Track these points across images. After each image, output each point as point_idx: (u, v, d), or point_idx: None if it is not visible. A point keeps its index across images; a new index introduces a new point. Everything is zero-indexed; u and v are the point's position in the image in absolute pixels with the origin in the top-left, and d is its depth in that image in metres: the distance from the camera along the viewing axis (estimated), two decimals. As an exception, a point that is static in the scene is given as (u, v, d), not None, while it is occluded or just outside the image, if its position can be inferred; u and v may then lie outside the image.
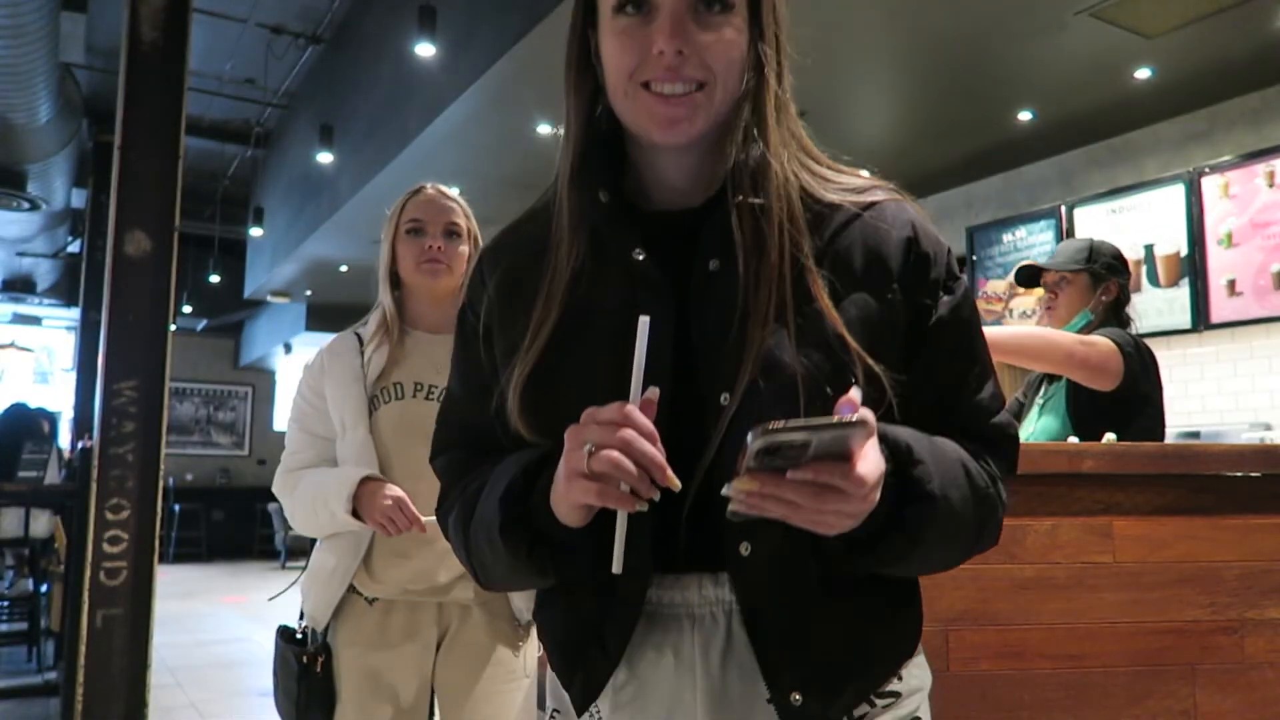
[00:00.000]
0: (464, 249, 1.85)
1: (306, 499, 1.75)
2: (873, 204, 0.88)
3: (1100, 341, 2.18)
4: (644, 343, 0.71)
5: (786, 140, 0.87)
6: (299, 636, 1.80)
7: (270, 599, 2.33)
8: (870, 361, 0.80)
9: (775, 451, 0.64)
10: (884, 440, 0.76)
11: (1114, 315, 2.37)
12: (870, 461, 0.69)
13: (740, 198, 0.83)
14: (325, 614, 1.75)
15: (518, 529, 0.82)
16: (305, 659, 1.74)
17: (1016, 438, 0.92)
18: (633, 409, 0.71)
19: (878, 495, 0.71)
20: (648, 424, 0.71)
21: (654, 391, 0.72)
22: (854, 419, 0.64)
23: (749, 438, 0.63)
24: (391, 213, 1.87)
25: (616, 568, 0.73)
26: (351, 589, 1.75)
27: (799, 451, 0.65)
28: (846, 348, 0.80)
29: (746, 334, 0.80)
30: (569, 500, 0.75)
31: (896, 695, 0.87)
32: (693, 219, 0.87)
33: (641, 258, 0.85)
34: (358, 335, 1.86)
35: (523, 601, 1.77)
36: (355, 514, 1.67)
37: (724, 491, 0.68)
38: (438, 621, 1.76)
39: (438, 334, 1.84)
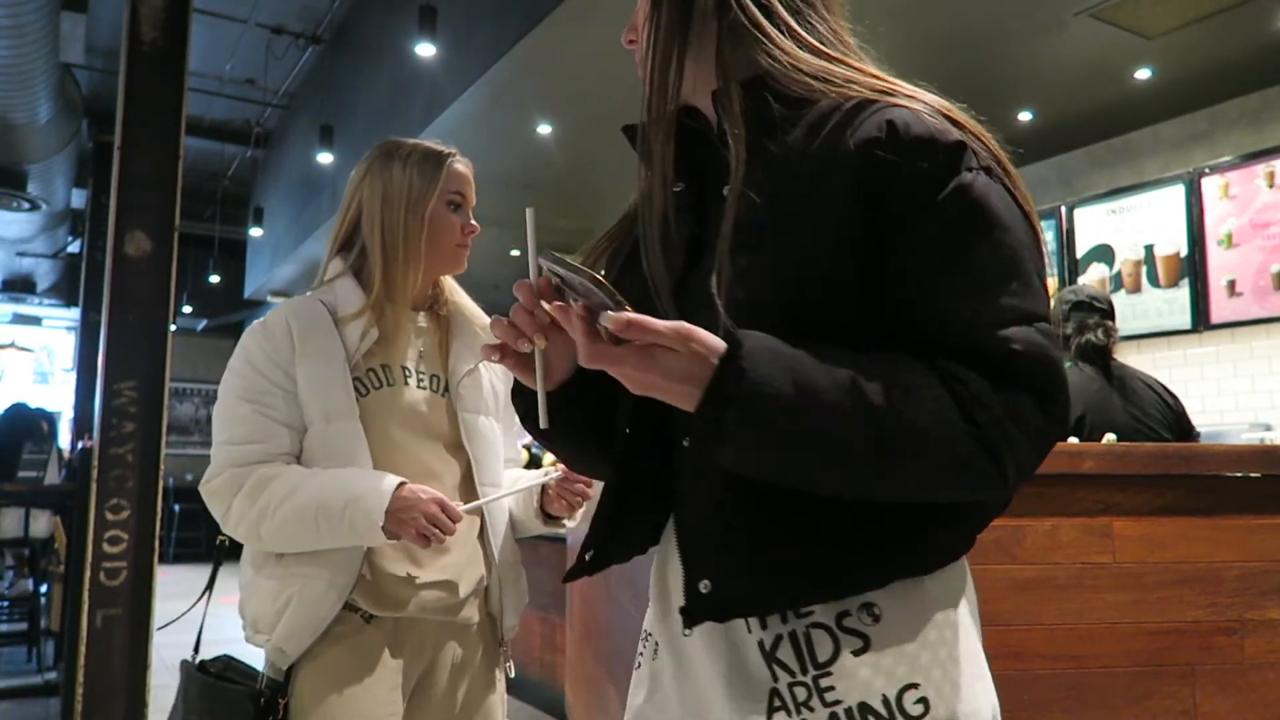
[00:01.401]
0: None
1: (303, 506, 1.38)
2: (852, 107, 0.81)
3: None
4: (531, 230, 0.82)
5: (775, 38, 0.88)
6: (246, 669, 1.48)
7: (160, 628, 1.79)
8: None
9: (563, 284, 0.76)
10: (727, 336, 0.72)
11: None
12: (659, 321, 0.70)
13: (697, 122, 0.91)
14: (306, 641, 1.40)
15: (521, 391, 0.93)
16: (263, 701, 1.39)
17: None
18: None
19: (680, 350, 0.70)
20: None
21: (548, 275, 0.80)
22: (605, 280, 0.70)
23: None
24: (425, 173, 1.57)
25: (542, 423, 0.84)
26: (347, 606, 1.42)
27: (575, 291, 0.74)
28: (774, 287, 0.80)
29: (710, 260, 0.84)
30: None
31: (865, 638, 0.77)
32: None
33: (680, 189, 0.90)
34: (324, 304, 1.52)
35: (513, 619, 1.58)
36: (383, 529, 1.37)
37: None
38: (434, 644, 1.49)
39: (417, 311, 1.59)
